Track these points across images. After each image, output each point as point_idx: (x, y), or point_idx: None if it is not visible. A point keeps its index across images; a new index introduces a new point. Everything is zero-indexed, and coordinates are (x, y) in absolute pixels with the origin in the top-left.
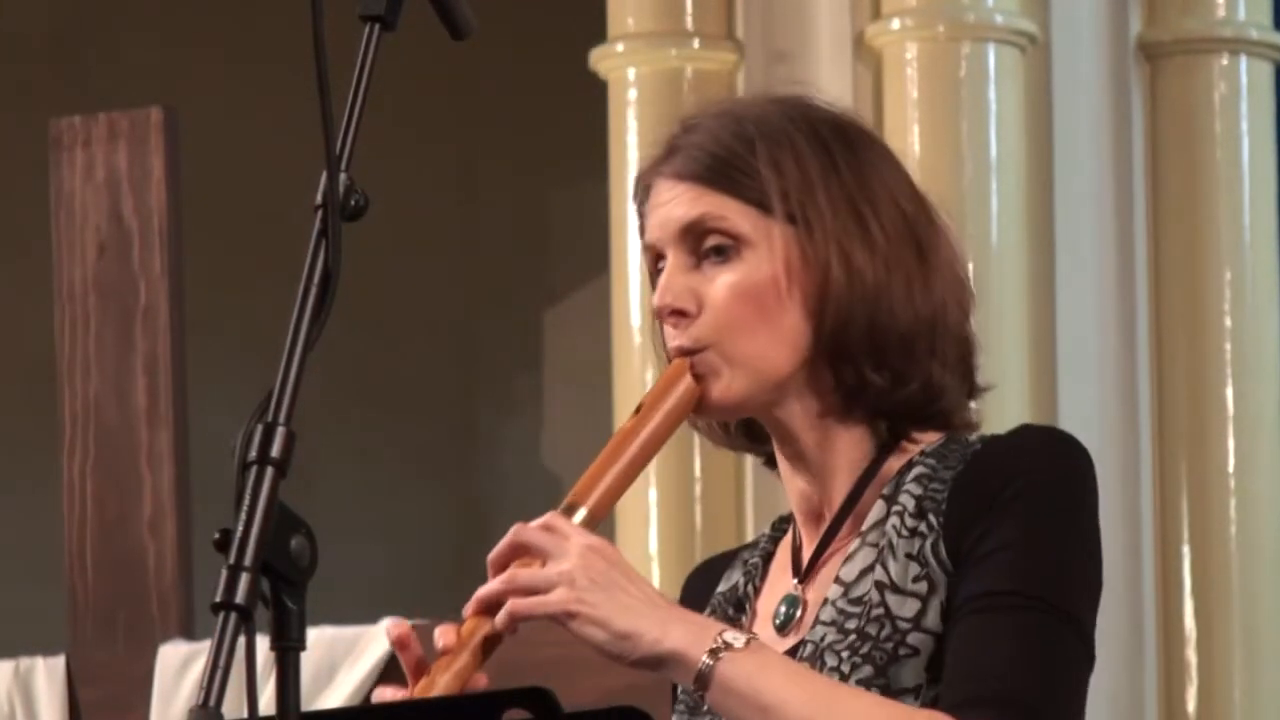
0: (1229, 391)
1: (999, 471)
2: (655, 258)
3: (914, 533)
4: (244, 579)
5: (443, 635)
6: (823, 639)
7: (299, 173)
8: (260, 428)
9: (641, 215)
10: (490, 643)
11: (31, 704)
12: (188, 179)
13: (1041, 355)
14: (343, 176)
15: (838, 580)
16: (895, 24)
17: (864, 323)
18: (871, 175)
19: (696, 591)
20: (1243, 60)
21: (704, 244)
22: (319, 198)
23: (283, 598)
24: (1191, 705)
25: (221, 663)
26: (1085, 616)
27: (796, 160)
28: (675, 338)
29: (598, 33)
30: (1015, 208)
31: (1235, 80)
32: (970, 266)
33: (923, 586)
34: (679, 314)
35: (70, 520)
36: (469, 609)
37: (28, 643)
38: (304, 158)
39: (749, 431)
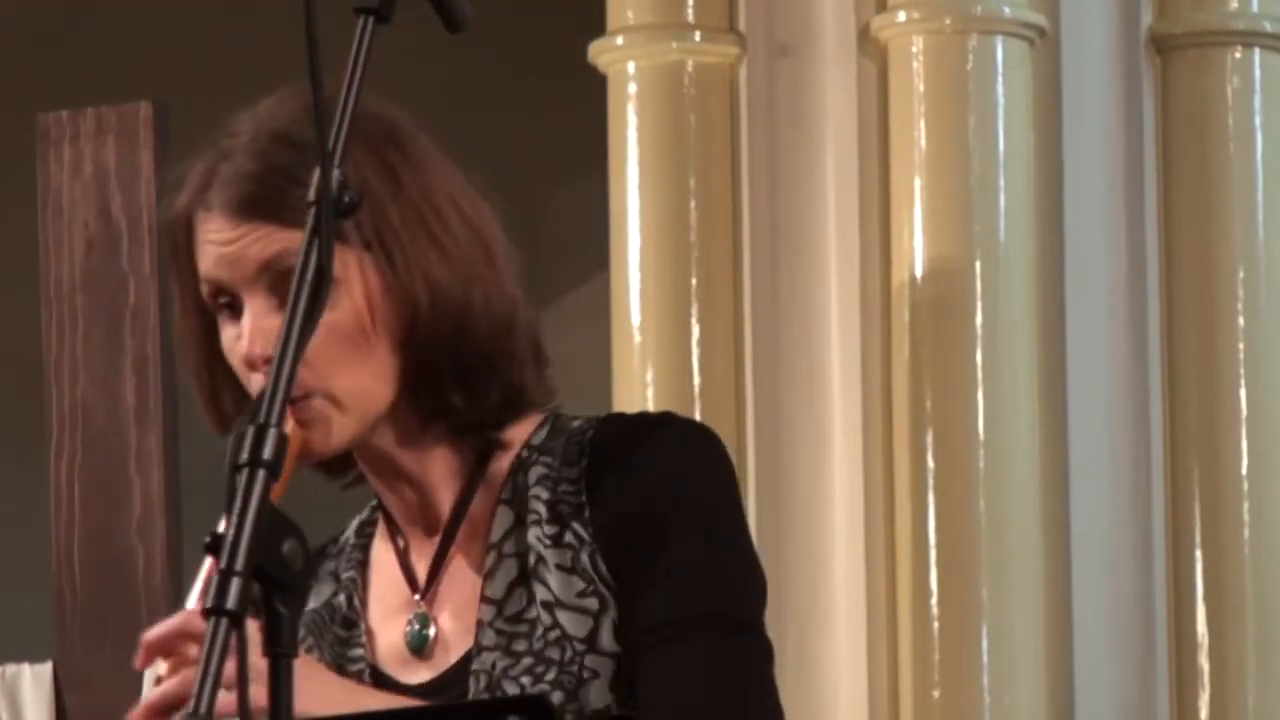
0: (1242, 392)
1: (643, 480)
2: (216, 293)
3: (558, 542)
4: (235, 584)
5: None
6: (494, 666)
7: None
8: (252, 429)
9: (179, 256)
10: None
11: (19, 711)
12: None
13: (1050, 354)
14: (335, 172)
15: (486, 600)
16: (901, 17)
17: (450, 346)
18: (431, 182)
19: None
20: (1256, 53)
21: (284, 283)
22: (311, 194)
23: (275, 603)
24: (1204, 713)
25: (212, 670)
26: (760, 618)
27: (361, 181)
28: None
29: (596, 26)
30: (1023, 204)
31: (1249, 74)
32: (977, 265)
33: (592, 603)
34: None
35: (57, 523)
36: (138, 718)
37: (14, 648)
38: None
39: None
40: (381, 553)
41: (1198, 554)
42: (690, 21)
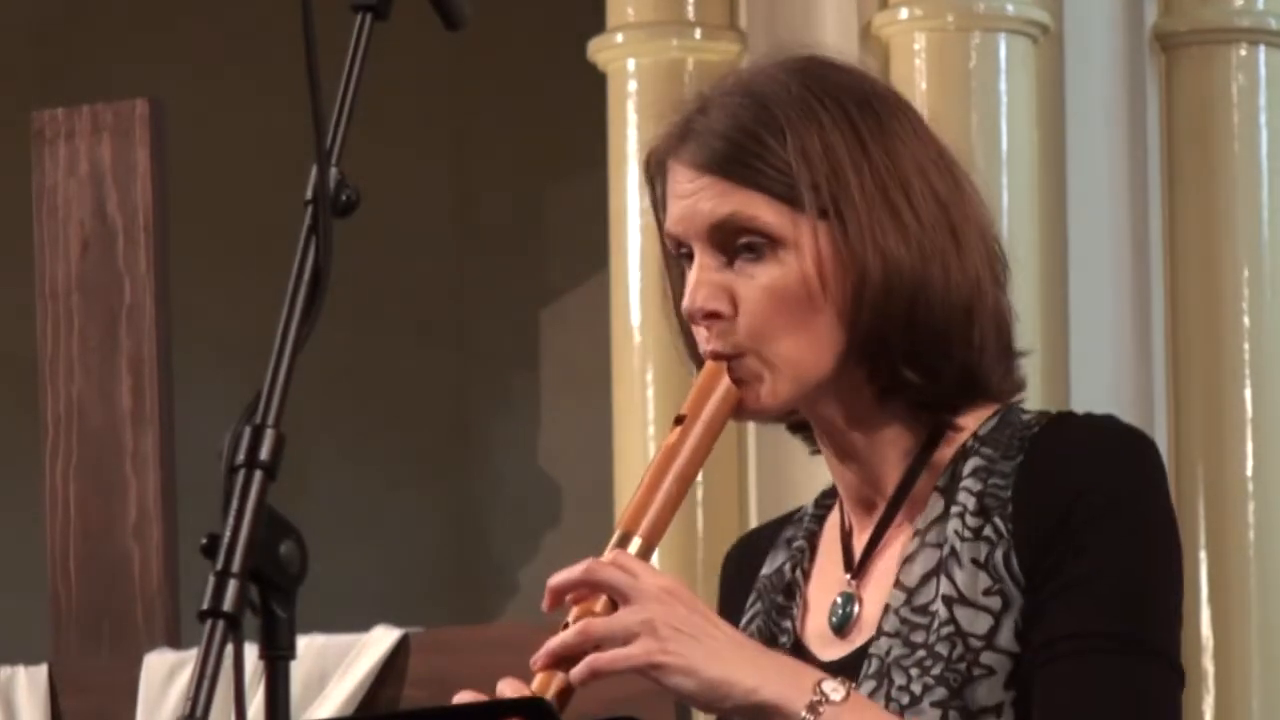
0: (1247, 393)
1: (1071, 481)
2: (677, 244)
3: (978, 535)
4: (232, 586)
5: (510, 688)
6: (888, 653)
7: (289, 167)
8: (249, 430)
9: (655, 194)
10: (564, 696)
11: (13, 714)
12: (174, 173)
13: (1054, 354)
14: (333, 171)
15: (899, 584)
16: (903, 13)
17: (900, 321)
18: (902, 152)
19: (735, 571)
20: (1261, 51)
21: (735, 241)
22: (309, 193)
23: (272, 605)
24: (1209, 715)
25: (208, 672)
26: (1175, 644)
27: (825, 147)
28: (710, 341)
29: (596, 23)
30: (1027, 202)
31: (1253, 71)
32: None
33: (996, 601)
34: (712, 316)
35: (52, 525)
36: (538, 662)
37: (9, 651)
38: (294, 152)
39: (794, 421)
40: (831, 527)
41: (1202, 555)
42: (691, 19)
